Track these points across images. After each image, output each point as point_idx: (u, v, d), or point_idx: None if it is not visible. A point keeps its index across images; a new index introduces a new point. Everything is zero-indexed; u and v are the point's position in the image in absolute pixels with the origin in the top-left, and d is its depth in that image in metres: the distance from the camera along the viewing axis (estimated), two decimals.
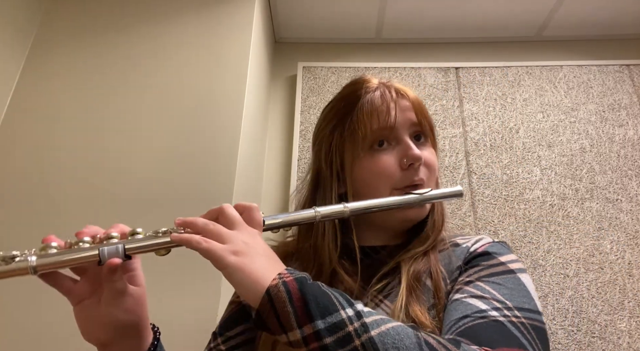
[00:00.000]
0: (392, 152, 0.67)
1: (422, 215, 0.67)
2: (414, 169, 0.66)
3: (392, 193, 0.65)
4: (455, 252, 0.64)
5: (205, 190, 1.17)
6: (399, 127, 0.67)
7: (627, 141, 1.67)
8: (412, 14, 1.80)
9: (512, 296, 0.54)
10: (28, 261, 0.46)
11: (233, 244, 0.48)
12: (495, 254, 0.61)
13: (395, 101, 0.68)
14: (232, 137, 1.24)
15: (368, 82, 0.72)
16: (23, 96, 1.30)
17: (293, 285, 0.45)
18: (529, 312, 0.52)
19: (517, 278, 0.57)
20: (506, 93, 1.78)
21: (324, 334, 0.42)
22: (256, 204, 0.55)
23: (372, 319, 0.44)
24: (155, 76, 1.33)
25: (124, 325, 0.53)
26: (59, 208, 1.16)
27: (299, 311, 0.43)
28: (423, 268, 0.62)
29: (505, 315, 0.51)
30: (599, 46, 1.91)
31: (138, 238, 0.50)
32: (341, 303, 0.45)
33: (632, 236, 1.52)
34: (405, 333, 0.43)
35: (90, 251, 0.48)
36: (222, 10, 1.43)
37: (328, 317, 0.43)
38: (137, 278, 0.55)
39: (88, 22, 1.42)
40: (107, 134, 1.25)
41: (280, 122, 1.80)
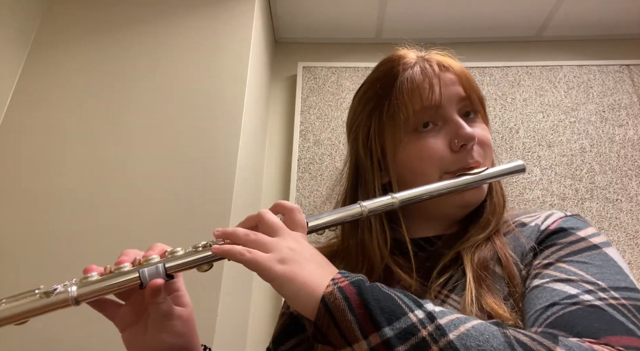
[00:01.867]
0: (439, 133, 0.59)
1: (480, 198, 0.60)
2: (467, 150, 0.58)
3: (442, 178, 0.58)
4: (523, 232, 0.56)
5: (206, 190, 1.17)
6: (445, 104, 0.59)
7: (627, 141, 1.67)
8: (412, 14, 1.80)
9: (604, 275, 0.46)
10: (69, 292, 0.44)
11: (278, 252, 0.44)
12: (572, 229, 0.53)
13: (439, 76, 0.61)
14: (232, 137, 1.24)
15: (404, 57, 0.65)
16: (23, 96, 1.31)
17: (350, 290, 0.40)
18: (628, 291, 0.44)
19: (604, 253, 0.49)
20: (506, 93, 1.78)
21: (394, 343, 0.37)
22: (298, 205, 0.50)
23: (448, 319, 0.38)
24: (155, 75, 1.33)
25: (174, 349, 0.50)
26: (59, 208, 1.16)
27: (362, 318, 0.38)
28: (489, 255, 0.54)
29: (601, 297, 0.43)
30: (599, 46, 1.91)
31: (178, 255, 0.48)
32: (408, 305, 0.39)
33: (632, 236, 1.52)
34: (490, 332, 0.37)
35: (130, 275, 0.46)
36: (222, 10, 1.43)
37: (396, 322, 0.38)
38: (183, 298, 0.52)
39: (88, 22, 1.42)
40: (107, 133, 1.25)
41: (280, 122, 1.80)
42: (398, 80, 0.61)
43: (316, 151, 1.69)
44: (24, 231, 1.13)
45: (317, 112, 1.76)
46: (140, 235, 1.11)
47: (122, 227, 1.13)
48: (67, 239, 1.12)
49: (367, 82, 0.68)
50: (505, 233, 0.58)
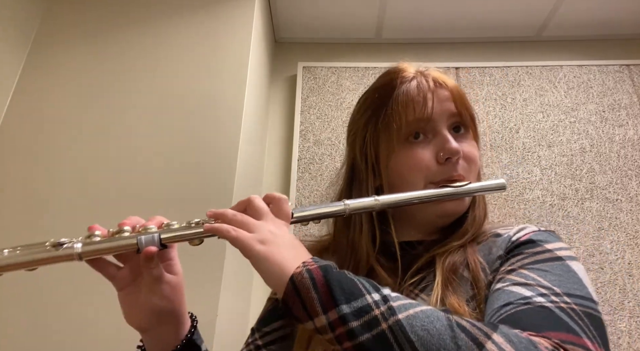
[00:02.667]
0: (428, 145, 0.64)
1: (461, 209, 0.64)
2: (452, 163, 0.62)
3: (427, 187, 0.62)
4: (496, 242, 0.60)
5: (206, 190, 1.17)
6: (436, 118, 0.64)
7: (627, 141, 1.67)
8: (412, 14, 1.80)
9: (561, 282, 0.49)
10: (74, 248, 0.49)
11: (260, 233, 0.49)
12: (540, 242, 0.56)
13: (433, 91, 0.65)
14: (232, 137, 1.24)
15: (404, 71, 0.69)
16: (23, 96, 1.30)
17: (317, 272, 0.44)
18: (581, 299, 0.47)
19: (566, 265, 0.52)
20: (506, 93, 1.78)
21: (349, 318, 0.41)
22: (286, 197, 0.55)
23: (400, 303, 0.42)
24: (155, 75, 1.33)
25: (161, 311, 0.55)
26: (59, 208, 1.16)
27: (324, 296, 0.42)
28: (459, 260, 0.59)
29: (552, 300, 0.46)
30: (599, 46, 1.91)
31: (173, 228, 0.53)
32: (367, 289, 0.44)
33: (632, 236, 1.52)
34: (435, 316, 0.41)
35: (129, 240, 0.51)
36: (222, 11, 1.43)
37: (353, 302, 0.42)
38: (174, 267, 0.57)
39: (88, 22, 1.42)
40: (107, 133, 1.25)
41: (280, 122, 1.80)
42: (395, 92, 0.66)
43: (316, 151, 1.69)
44: (24, 231, 1.13)
45: (317, 112, 1.76)
46: None
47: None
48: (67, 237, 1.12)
49: (368, 91, 0.73)
50: (479, 242, 0.62)
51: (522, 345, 0.39)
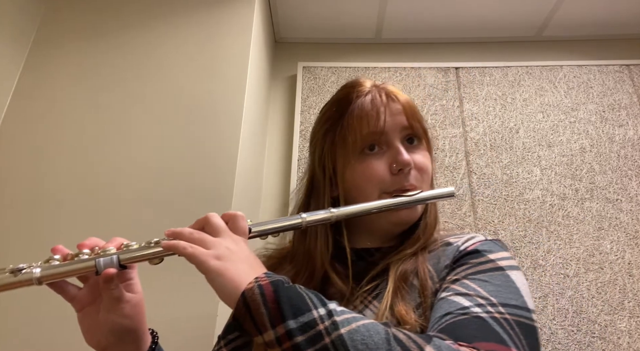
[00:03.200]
0: (382, 156, 0.67)
1: (414, 217, 0.68)
2: (404, 174, 0.66)
3: (381, 197, 0.66)
4: (445, 251, 0.63)
5: (206, 190, 1.17)
6: (389, 131, 0.67)
7: (627, 141, 1.67)
8: (412, 14, 1.80)
9: (498, 293, 0.53)
10: (33, 273, 0.50)
11: (216, 250, 0.50)
12: (485, 252, 0.60)
13: (386, 105, 0.69)
14: (232, 137, 1.24)
15: (360, 85, 0.73)
16: (23, 96, 1.30)
17: (268, 288, 0.46)
18: (515, 308, 0.52)
19: (505, 275, 0.56)
20: (506, 93, 1.78)
21: (295, 333, 0.43)
22: (242, 213, 0.57)
23: (343, 317, 0.45)
24: (155, 75, 1.33)
25: (121, 329, 0.56)
26: (59, 209, 1.16)
27: (272, 312, 0.44)
28: (410, 268, 0.62)
29: (487, 311, 0.50)
30: (599, 46, 1.91)
31: (132, 249, 0.54)
32: (314, 303, 0.46)
33: (632, 236, 1.52)
34: (375, 330, 0.44)
35: (87, 263, 0.52)
36: (222, 10, 1.43)
37: (300, 317, 0.44)
38: (134, 286, 0.58)
39: (88, 22, 1.42)
40: (107, 134, 1.25)
41: (280, 122, 1.80)
42: (351, 106, 0.70)
43: None
44: (24, 231, 1.13)
45: (317, 112, 1.74)
46: (140, 235, 1.11)
47: (122, 227, 1.13)
48: (65, 241, 1.12)
49: (328, 104, 0.77)
50: (431, 250, 0.65)
51: None
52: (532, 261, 1.49)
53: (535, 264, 1.49)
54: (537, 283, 1.46)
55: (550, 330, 1.39)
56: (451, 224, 1.55)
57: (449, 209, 1.57)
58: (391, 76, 1.82)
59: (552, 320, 1.41)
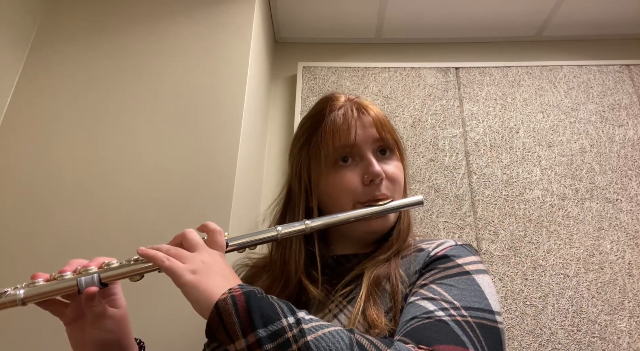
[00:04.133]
0: (355, 168, 0.70)
1: (386, 226, 0.70)
2: (375, 184, 0.69)
3: (355, 207, 0.68)
4: (417, 257, 0.65)
5: (206, 190, 1.17)
6: (360, 144, 0.70)
7: (627, 141, 1.67)
8: (412, 14, 1.80)
9: (463, 296, 0.55)
10: (17, 294, 0.52)
11: (192, 264, 0.52)
12: (453, 257, 0.62)
13: (357, 119, 0.71)
14: (232, 137, 1.24)
15: (334, 100, 0.75)
16: (23, 96, 1.30)
17: (240, 299, 0.48)
18: (478, 311, 0.53)
19: (471, 278, 0.58)
20: (506, 93, 1.78)
21: (264, 341, 0.45)
22: (220, 228, 0.59)
23: (311, 325, 0.47)
24: (154, 75, 1.33)
25: (106, 343, 0.58)
26: (59, 208, 1.16)
27: (244, 321, 0.46)
28: (383, 273, 0.64)
29: (450, 314, 0.52)
30: (599, 46, 1.91)
31: (112, 267, 0.56)
32: (284, 312, 0.47)
33: (632, 236, 1.52)
34: (339, 336, 0.46)
35: (69, 282, 0.54)
36: (222, 10, 1.43)
37: (270, 326, 0.46)
38: (117, 301, 0.61)
39: (87, 22, 1.42)
40: (107, 134, 1.25)
41: (280, 122, 1.80)
42: (324, 120, 0.73)
43: None
44: (24, 231, 1.13)
45: None
46: (139, 235, 1.11)
47: (121, 227, 1.13)
48: (66, 238, 1.12)
49: (304, 118, 0.79)
50: (404, 256, 0.67)
51: None
52: (532, 261, 1.49)
53: (535, 264, 1.49)
54: (537, 283, 1.46)
55: (550, 330, 1.39)
56: (451, 224, 1.55)
57: (449, 209, 1.58)
58: (391, 76, 1.82)
59: (552, 320, 1.40)
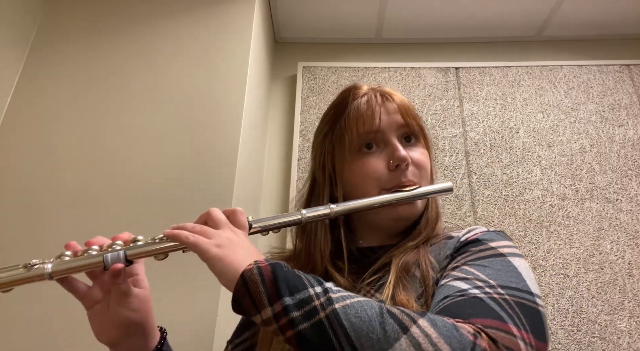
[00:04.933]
0: (380, 154, 0.69)
1: (414, 213, 0.69)
2: (401, 170, 0.68)
3: (380, 193, 0.67)
4: (447, 243, 0.64)
5: (206, 190, 1.17)
6: (385, 130, 0.69)
7: (627, 141, 1.67)
8: (412, 14, 1.80)
9: (498, 276, 0.53)
10: (44, 268, 0.52)
11: (217, 239, 0.52)
12: (485, 240, 0.60)
13: (381, 105, 0.71)
14: (232, 137, 1.24)
15: (357, 89, 0.75)
16: (23, 96, 1.30)
17: (266, 269, 0.47)
18: (516, 290, 0.51)
19: (507, 260, 0.56)
20: (506, 93, 1.78)
21: (291, 309, 0.44)
22: (242, 209, 0.59)
23: (339, 295, 0.46)
24: (155, 75, 1.33)
25: (131, 322, 0.58)
26: (59, 208, 1.16)
27: (270, 290, 0.46)
28: (412, 260, 0.63)
29: (486, 292, 0.50)
30: (599, 46, 1.91)
31: (138, 244, 0.55)
32: (311, 283, 0.47)
33: (632, 236, 1.52)
34: (368, 305, 0.45)
35: (96, 258, 0.54)
36: (222, 10, 1.43)
37: (297, 294, 0.45)
38: (141, 282, 0.61)
39: (87, 22, 1.42)
40: (107, 134, 1.25)
41: (280, 122, 1.80)
42: (347, 108, 0.72)
43: None
44: (24, 231, 1.13)
45: (317, 112, 1.76)
46: (139, 235, 1.11)
47: (121, 227, 1.12)
48: (66, 238, 1.12)
49: (327, 109, 0.79)
50: (433, 243, 0.66)
51: (445, 328, 0.43)
52: (532, 261, 1.49)
53: (535, 264, 1.49)
54: (537, 283, 1.46)
55: (550, 330, 1.39)
56: (451, 224, 1.55)
57: (449, 209, 1.58)
58: (391, 76, 1.82)
59: (552, 320, 1.40)
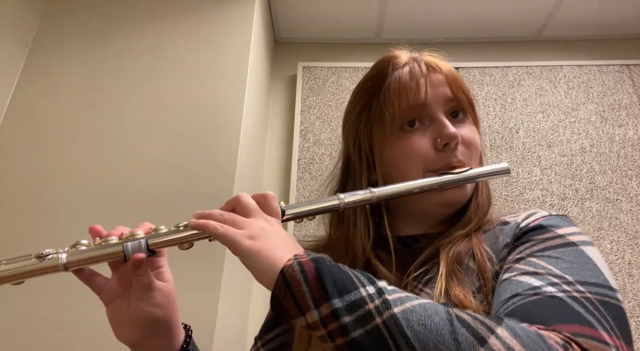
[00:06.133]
0: (425, 132, 0.60)
1: (464, 197, 0.60)
2: (450, 149, 0.59)
3: (426, 176, 0.59)
4: (503, 230, 0.56)
5: (206, 190, 1.17)
6: (431, 104, 0.60)
7: (627, 141, 1.67)
8: (412, 14, 1.80)
9: (574, 270, 0.45)
10: (59, 258, 0.48)
11: (249, 230, 0.46)
12: (551, 227, 0.52)
13: (426, 76, 0.62)
14: (232, 137, 1.24)
15: (396, 58, 0.67)
16: (23, 96, 1.30)
17: (309, 265, 0.42)
18: (597, 287, 0.43)
19: (579, 250, 0.48)
20: (506, 93, 1.78)
21: (341, 313, 0.38)
22: (273, 194, 0.52)
23: (396, 296, 0.39)
24: (155, 75, 1.33)
25: (153, 319, 0.52)
26: (59, 208, 1.16)
27: (315, 290, 0.40)
28: (464, 250, 0.55)
29: (564, 290, 0.42)
30: (599, 46, 1.91)
31: (161, 233, 0.51)
32: (362, 281, 0.41)
33: (632, 236, 1.52)
34: (433, 310, 0.38)
35: (115, 248, 0.49)
36: (222, 11, 1.43)
37: (346, 295, 0.39)
38: (165, 275, 0.55)
39: (88, 21, 1.42)
40: (107, 134, 1.25)
41: (280, 122, 1.80)
42: (387, 80, 0.63)
43: (316, 151, 1.69)
44: (24, 230, 1.13)
45: (317, 112, 1.76)
46: None
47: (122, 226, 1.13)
48: (65, 240, 1.12)
49: (361, 81, 0.69)
50: (485, 231, 0.58)
51: (529, 339, 0.36)
52: None
53: None
54: None
55: None
56: None
57: None
58: None
59: None
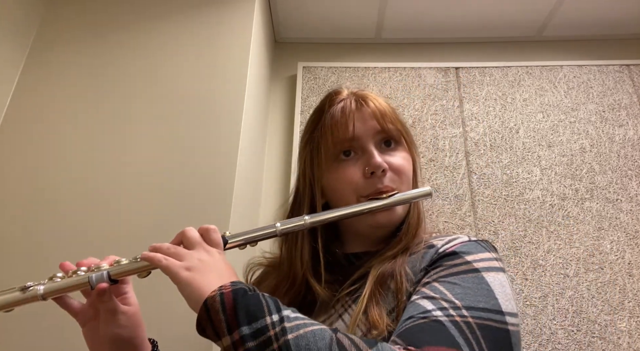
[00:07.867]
0: (357, 162, 0.68)
1: (394, 219, 0.68)
2: (377, 176, 0.66)
3: (359, 200, 0.67)
4: (426, 254, 0.62)
5: (206, 190, 1.17)
6: (361, 136, 0.68)
7: (627, 141, 1.67)
8: (412, 14, 1.80)
9: (466, 295, 0.52)
10: (37, 290, 0.56)
11: (188, 262, 0.53)
12: (462, 253, 0.58)
13: (355, 112, 0.70)
14: (232, 137, 1.24)
15: (337, 94, 0.74)
16: (23, 96, 1.30)
17: (228, 296, 0.48)
18: (482, 311, 0.50)
19: (479, 277, 0.54)
20: (506, 93, 1.78)
21: (248, 339, 0.45)
22: (215, 226, 0.60)
23: (294, 324, 0.46)
24: (155, 75, 1.33)
25: (120, 339, 0.60)
26: (59, 209, 1.16)
27: (230, 319, 0.46)
28: (388, 271, 0.62)
29: (449, 314, 0.49)
30: (599, 46, 1.91)
31: (121, 265, 0.58)
32: (270, 310, 0.47)
33: (632, 236, 1.52)
34: (320, 336, 0.45)
35: (82, 279, 0.57)
36: (222, 11, 1.43)
37: (254, 323, 0.46)
38: (129, 299, 0.63)
39: (88, 22, 1.42)
40: (107, 134, 1.25)
41: (280, 122, 1.80)
42: (324, 115, 0.72)
43: None
44: (24, 231, 1.13)
45: None
46: (140, 235, 1.11)
47: (122, 228, 1.13)
48: (65, 240, 1.12)
49: (310, 114, 0.78)
50: (413, 253, 0.64)
51: None
52: (532, 261, 1.49)
53: (535, 264, 1.49)
54: (537, 283, 1.46)
55: (550, 330, 1.39)
56: (451, 224, 1.55)
57: (449, 209, 1.58)
58: (391, 76, 1.82)
59: (552, 320, 1.40)
